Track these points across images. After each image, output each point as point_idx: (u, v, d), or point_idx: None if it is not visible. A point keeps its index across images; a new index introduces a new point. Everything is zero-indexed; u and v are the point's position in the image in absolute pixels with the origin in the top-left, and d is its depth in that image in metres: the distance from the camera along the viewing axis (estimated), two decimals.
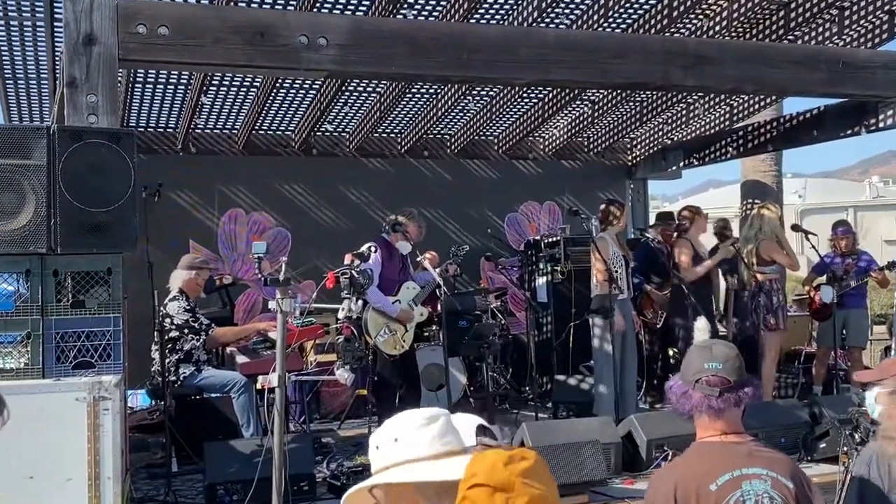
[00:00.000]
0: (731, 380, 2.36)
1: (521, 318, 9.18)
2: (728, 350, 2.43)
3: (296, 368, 5.96)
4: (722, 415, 2.37)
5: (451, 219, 9.43)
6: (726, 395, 2.35)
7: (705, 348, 2.45)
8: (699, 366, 2.41)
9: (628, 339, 6.58)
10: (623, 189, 10.39)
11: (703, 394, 2.37)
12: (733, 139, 9.26)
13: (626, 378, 6.51)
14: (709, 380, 2.37)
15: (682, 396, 2.42)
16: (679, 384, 2.45)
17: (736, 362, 2.40)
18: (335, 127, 8.93)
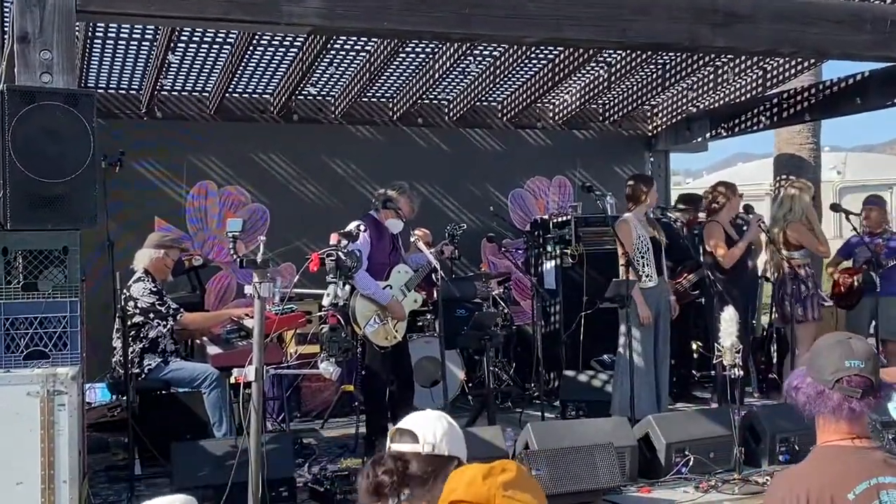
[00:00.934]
0: (873, 380, 2.36)
1: (526, 307, 9.22)
2: (868, 347, 2.43)
3: (274, 361, 5.96)
4: (859, 419, 2.38)
5: (448, 195, 9.42)
6: (868, 398, 2.35)
7: (843, 343, 2.43)
8: (839, 363, 2.39)
9: (661, 329, 6.60)
10: (642, 162, 10.39)
11: (844, 395, 2.36)
12: (766, 108, 9.25)
13: (660, 374, 6.54)
14: (850, 379, 2.36)
15: (818, 397, 2.39)
16: (810, 382, 2.42)
17: (875, 361, 2.41)
18: (319, 90, 8.88)
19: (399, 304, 6.10)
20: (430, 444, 2.32)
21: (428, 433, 2.34)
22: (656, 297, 6.56)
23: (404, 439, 2.36)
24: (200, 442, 5.28)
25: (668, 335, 6.70)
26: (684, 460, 5.41)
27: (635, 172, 8.51)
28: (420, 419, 2.40)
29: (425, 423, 2.37)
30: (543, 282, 8.25)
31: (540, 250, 8.48)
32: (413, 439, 2.34)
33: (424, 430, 2.35)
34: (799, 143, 10.47)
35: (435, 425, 2.37)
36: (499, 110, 9.73)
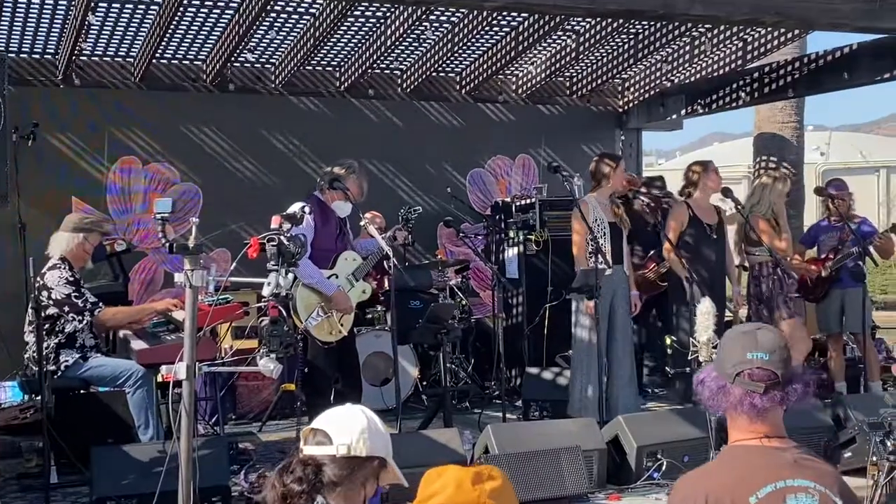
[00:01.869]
0: (779, 374, 2.38)
1: (486, 298, 9.25)
2: (776, 337, 2.44)
3: (207, 357, 5.89)
4: (765, 415, 2.39)
5: (401, 174, 9.42)
6: (772, 392, 2.37)
7: (748, 334, 2.45)
8: (741, 356, 2.40)
9: (619, 321, 6.65)
10: (612, 141, 10.47)
11: (745, 390, 2.38)
12: (746, 83, 9.36)
13: (616, 369, 6.58)
14: (752, 373, 2.38)
15: (719, 392, 2.42)
16: (714, 376, 2.45)
17: (784, 353, 2.41)
18: (258, 56, 8.81)
19: (345, 295, 6.07)
20: (344, 444, 2.27)
21: (342, 432, 2.28)
22: (611, 286, 6.61)
23: (317, 440, 2.31)
24: (124, 447, 5.22)
25: (627, 328, 6.75)
26: (656, 464, 5.47)
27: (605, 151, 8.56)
28: (334, 417, 2.34)
29: (339, 421, 2.32)
30: (505, 271, 8.28)
31: (501, 236, 8.51)
32: (326, 440, 2.29)
33: (338, 428, 2.30)
34: (781, 121, 10.62)
35: (350, 423, 2.31)
36: (457, 82, 9.72)
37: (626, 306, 6.72)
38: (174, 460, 3.74)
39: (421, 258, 9.22)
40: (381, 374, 7.56)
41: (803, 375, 2.42)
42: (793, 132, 10.69)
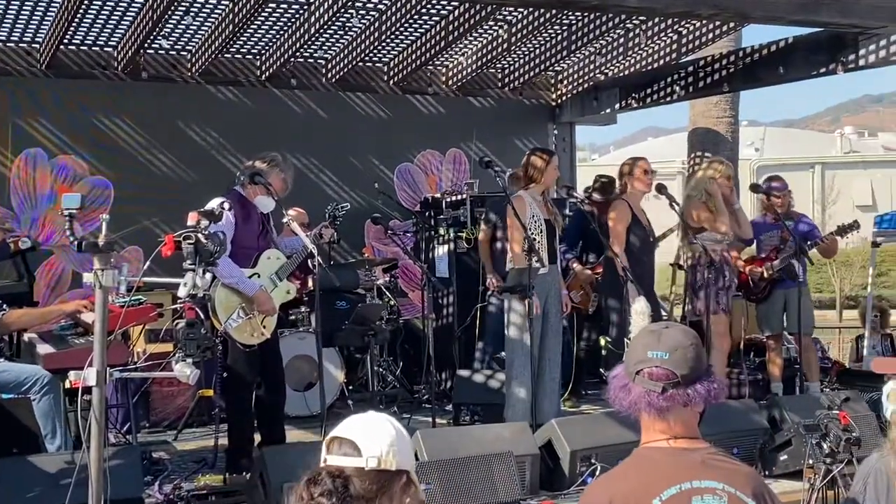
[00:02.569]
0: (679, 373, 2.41)
1: (415, 298, 9.24)
2: (681, 337, 2.47)
3: (119, 362, 5.79)
4: (666, 415, 2.42)
5: (326, 168, 9.39)
6: (671, 391, 2.40)
7: (653, 333, 2.49)
8: (642, 354, 2.46)
9: (551, 323, 6.69)
10: (545, 135, 10.56)
11: (644, 388, 2.42)
12: (681, 76, 9.53)
13: (547, 372, 6.63)
14: (651, 372, 2.42)
15: (622, 389, 2.47)
16: (621, 374, 2.51)
17: (688, 352, 2.44)
18: (173, 43, 8.69)
19: (268, 296, 6.00)
20: (374, 457, 2.20)
21: (372, 444, 2.21)
22: (546, 286, 6.66)
23: (343, 450, 2.22)
24: (29, 457, 5.10)
25: (559, 330, 6.81)
26: (590, 469, 5.52)
27: (537, 146, 8.61)
28: (361, 426, 2.26)
29: (367, 431, 2.25)
30: (435, 269, 8.28)
31: (431, 233, 8.51)
32: (354, 451, 2.22)
33: (368, 439, 2.23)
34: (715, 116, 10.84)
35: (380, 434, 2.24)
36: (384, 72, 9.70)
37: (558, 306, 6.77)
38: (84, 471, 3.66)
39: (347, 256, 9.18)
40: (305, 379, 7.50)
41: (709, 377, 2.45)
42: (727, 127, 10.91)
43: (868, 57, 7.72)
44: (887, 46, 7.56)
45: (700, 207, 7.28)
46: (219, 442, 6.17)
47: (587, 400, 8.26)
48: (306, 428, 7.10)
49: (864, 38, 7.61)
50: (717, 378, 2.49)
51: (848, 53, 7.81)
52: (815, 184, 39.88)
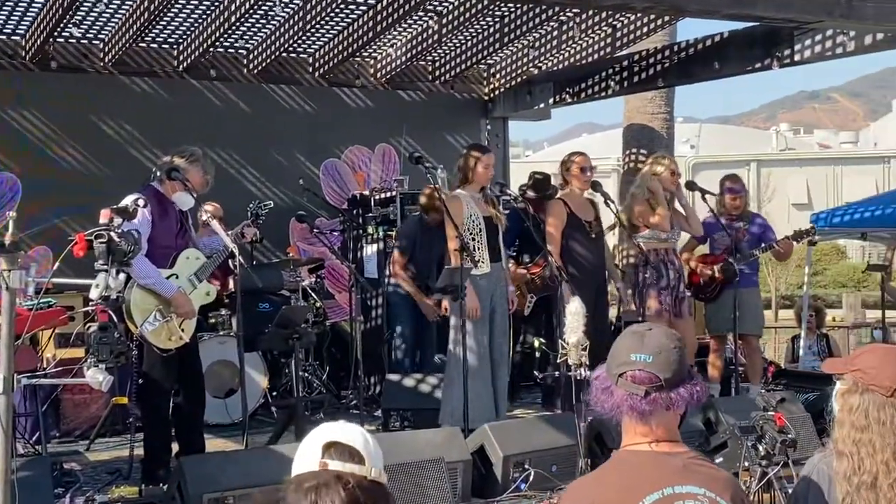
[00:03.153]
0: (662, 377, 2.46)
1: (342, 300, 9.21)
2: (664, 339, 2.52)
3: (27, 368, 5.70)
4: (648, 419, 2.48)
5: (248, 164, 9.32)
6: (654, 395, 2.46)
7: (636, 335, 2.55)
8: (625, 356, 2.50)
9: (497, 324, 6.72)
10: (478, 130, 10.61)
11: (627, 391, 2.47)
12: (615, 71, 9.65)
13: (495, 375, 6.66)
14: (634, 375, 2.47)
15: (604, 392, 2.52)
16: (603, 376, 2.55)
17: (672, 355, 2.49)
18: (84, 31, 8.57)
19: (186, 298, 5.94)
20: (377, 467, 2.20)
21: (374, 454, 2.21)
22: (490, 286, 6.69)
23: (344, 457, 2.19)
24: None
25: (506, 331, 6.85)
26: (524, 475, 5.55)
27: (471, 142, 8.64)
28: (357, 434, 2.23)
29: (363, 439, 2.22)
30: (363, 269, 8.27)
31: (359, 232, 8.50)
32: (357, 459, 2.19)
33: (367, 447, 2.21)
34: (651, 112, 10.98)
35: (373, 443, 2.23)
36: (309, 63, 9.65)
37: (505, 305, 6.81)
38: None
39: (270, 256, 9.12)
40: (225, 385, 7.43)
41: (692, 379, 2.51)
42: (663, 124, 11.06)
43: (804, 52, 7.89)
44: (822, 41, 7.75)
45: (642, 205, 7.36)
46: (134, 452, 6.08)
47: (521, 403, 8.31)
48: (227, 436, 7.04)
49: (799, 33, 7.79)
50: (699, 380, 2.54)
51: (783, 48, 7.98)
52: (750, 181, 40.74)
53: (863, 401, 2.68)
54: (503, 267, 6.92)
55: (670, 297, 7.34)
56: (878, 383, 2.66)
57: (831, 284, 28.89)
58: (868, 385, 2.68)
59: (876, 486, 2.63)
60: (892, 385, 2.66)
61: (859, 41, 7.52)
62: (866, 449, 2.65)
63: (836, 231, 9.82)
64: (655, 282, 7.26)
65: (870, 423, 2.65)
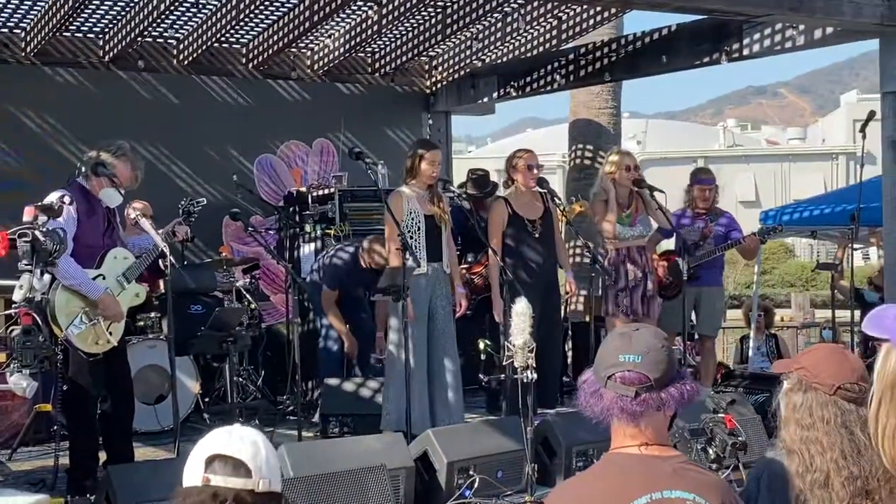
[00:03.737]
0: (652, 377, 2.49)
1: (278, 302, 9.16)
2: (652, 338, 2.55)
3: None
4: (639, 420, 2.50)
5: (179, 160, 9.24)
6: (644, 395, 2.48)
7: (624, 335, 2.58)
8: (614, 358, 2.53)
9: (438, 324, 6.74)
10: (419, 125, 10.61)
11: (617, 393, 2.50)
12: (561, 64, 9.71)
13: (437, 377, 6.67)
14: (623, 376, 2.49)
15: (593, 396, 2.54)
16: (591, 379, 2.57)
17: (660, 354, 2.53)
18: (5, 20, 8.45)
19: (114, 299, 5.88)
20: (266, 477, 2.21)
21: (261, 463, 2.22)
22: (429, 286, 6.71)
23: (227, 471, 2.20)
24: None
25: (449, 333, 6.86)
26: (468, 481, 5.58)
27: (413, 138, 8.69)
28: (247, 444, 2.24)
29: (253, 449, 2.24)
30: (300, 270, 8.23)
31: (296, 231, 8.46)
32: (242, 472, 2.19)
33: (255, 458, 2.22)
34: (597, 107, 11.08)
35: (265, 451, 2.24)
36: (243, 54, 9.58)
37: (447, 307, 6.82)
38: None
39: (202, 256, 9.03)
40: (155, 391, 7.36)
41: (682, 378, 2.54)
42: (609, 119, 11.17)
43: (752, 46, 8.00)
44: (772, 35, 7.86)
45: (598, 207, 7.41)
46: (59, 461, 6.02)
47: (465, 407, 8.33)
48: (157, 445, 6.98)
49: (748, 27, 7.90)
50: (689, 379, 2.57)
51: (732, 42, 8.08)
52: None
53: (806, 399, 2.76)
54: (445, 268, 6.94)
55: (629, 297, 7.37)
56: (820, 381, 2.74)
57: (779, 283, 29.32)
58: (811, 383, 2.75)
59: (828, 485, 2.70)
60: (833, 383, 2.73)
61: (809, 35, 7.64)
62: (815, 447, 2.72)
63: (787, 229, 9.97)
64: (614, 283, 7.34)
65: (814, 421, 2.73)
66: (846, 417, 2.70)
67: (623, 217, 7.43)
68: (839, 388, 2.72)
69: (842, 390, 2.72)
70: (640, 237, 7.54)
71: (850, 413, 2.70)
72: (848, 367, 2.76)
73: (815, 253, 35.36)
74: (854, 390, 2.71)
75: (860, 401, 2.66)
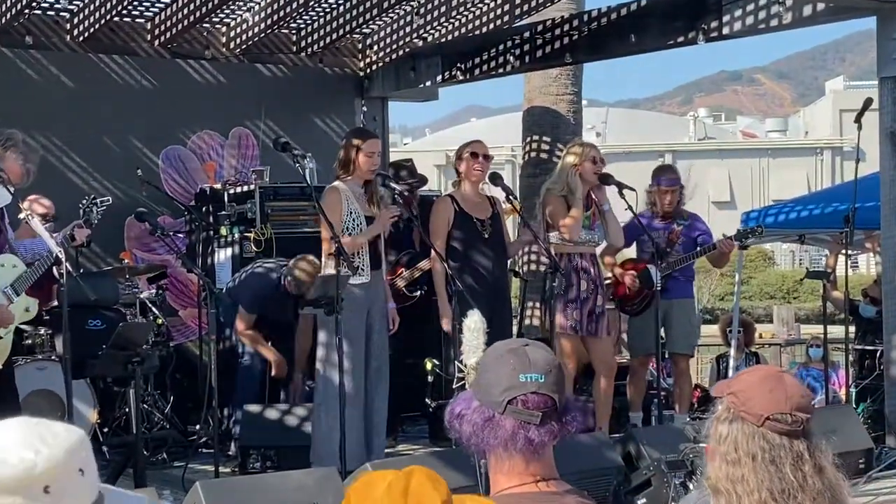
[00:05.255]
0: (556, 399, 2.44)
1: (188, 317, 9.09)
2: (547, 355, 2.50)
3: None
4: (541, 453, 2.44)
5: (73, 151, 9.14)
6: (550, 423, 2.43)
7: (517, 353, 2.49)
8: (511, 379, 2.44)
9: (375, 343, 6.73)
10: (351, 112, 10.59)
11: (519, 420, 2.42)
12: (515, 44, 9.73)
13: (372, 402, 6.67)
14: (526, 399, 2.42)
15: (485, 426, 2.44)
16: (476, 407, 2.47)
17: (559, 374, 2.49)
18: None
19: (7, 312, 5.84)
20: None
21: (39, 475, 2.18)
22: (368, 298, 6.70)
23: None
24: None
25: (384, 352, 6.87)
26: None
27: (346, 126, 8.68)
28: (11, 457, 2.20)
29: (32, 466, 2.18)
30: (215, 279, 8.18)
31: (209, 234, 8.41)
32: None
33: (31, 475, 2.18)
34: (555, 93, 11.13)
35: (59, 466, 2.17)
36: (147, 30, 9.51)
37: (383, 322, 6.82)
38: None
39: (100, 263, 8.93)
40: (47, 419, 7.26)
41: (577, 402, 2.52)
42: (569, 106, 11.20)
43: (733, 24, 8.01)
44: (755, 12, 7.88)
45: (555, 203, 7.38)
46: None
47: (406, 437, 8.35)
48: None
49: (728, 2, 7.97)
50: (584, 403, 2.57)
51: (710, 20, 8.10)
52: None
53: (732, 430, 2.63)
54: (383, 276, 6.94)
55: (579, 311, 7.37)
56: (748, 410, 2.61)
57: (757, 295, 29.60)
58: (739, 412, 2.63)
59: None
60: (762, 413, 2.60)
61: (797, 12, 7.68)
62: (742, 486, 2.59)
63: (770, 233, 10.04)
64: (564, 292, 7.27)
65: (740, 456, 2.60)
66: (775, 453, 2.58)
67: (583, 219, 7.40)
68: (768, 418, 2.59)
69: (771, 421, 2.59)
70: (594, 244, 7.57)
71: (779, 448, 2.58)
72: (780, 396, 2.62)
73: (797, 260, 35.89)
74: (786, 421, 2.58)
75: (793, 434, 2.57)
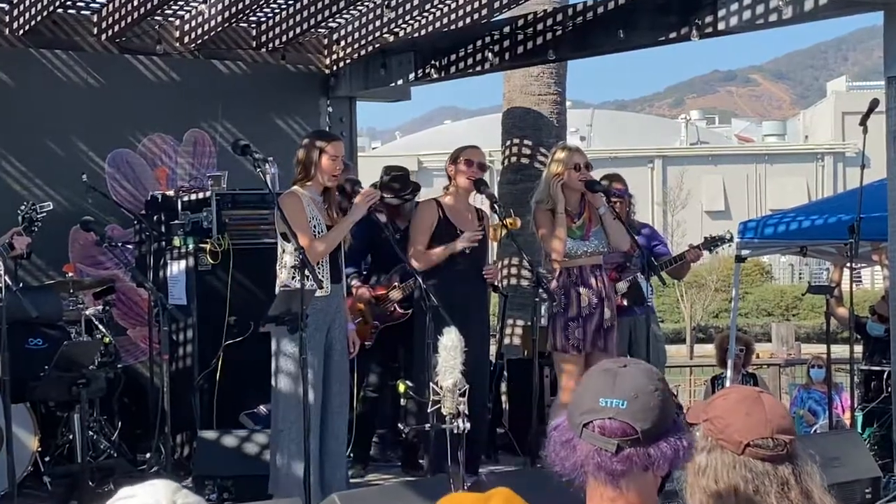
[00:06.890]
0: (639, 428, 2.43)
1: (137, 336, 9.04)
2: (642, 379, 2.49)
3: None
4: (619, 481, 2.44)
5: (13, 155, 9.13)
6: (629, 451, 2.42)
7: (608, 373, 2.51)
8: (592, 401, 2.47)
9: (334, 363, 6.73)
10: (316, 113, 10.60)
11: (593, 446, 2.44)
12: (494, 39, 9.74)
13: (330, 429, 6.66)
14: (603, 425, 2.44)
15: (564, 447, 2.48)
16: (564, 426, 2.51)
17: (651, 400, 2.46)
18: None
19: None
20: None
21: None
22: (329, 313, 6.70)
23: None
24: None
25: (344, 372, 6.87)
26: None
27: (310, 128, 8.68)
28: None
29: None
30: (168, 294, 8.15)
31: (161, 245, 8.38)
32: None
33: None
34: (537, 92, 11.17)
35: None
36: (94, 23, 9.50)
37: (344, 342, 6.82)
38: None
39: (42, 276, 8.89)
40: None
41: (678, 432, 2.47)
42: (552, 107, 11.25)
43: (730, 19, 8.00)
44: (753, 6, 7.87)
45: (543, 220, 7.31)
46: None
47: (376, 467, 8.34)
48: None
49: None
50: (687, 433, 2.52)
51: (705, 14, 8.11)
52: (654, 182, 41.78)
53: (711, 460, 2.66)
54: (343, 292, 6.95)
55: (582, 329, 7.34)
56: (727, 438, 2.64)
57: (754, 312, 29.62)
58: (717, 440, 2.66)
59: None
60: (741, 440, 2.63)
61: (798, 6, 7.63)
62: None
63: (769, 245, 10.05)
64: (563, 311, 7.27)
65: (721, 489, 2.63)
66: (759, 482, 2.61)
67: (574, 229, 7.33)
68: (748, 445, 2.62)
69: (752, 448, 2.62)
70: (596, 253, 7.53)
71: (763, 476, 2.61)
72: (759, 419, 2.64)
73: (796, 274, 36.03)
74: (768, 447, 2.61)
75: (777, 459, 2.60)
